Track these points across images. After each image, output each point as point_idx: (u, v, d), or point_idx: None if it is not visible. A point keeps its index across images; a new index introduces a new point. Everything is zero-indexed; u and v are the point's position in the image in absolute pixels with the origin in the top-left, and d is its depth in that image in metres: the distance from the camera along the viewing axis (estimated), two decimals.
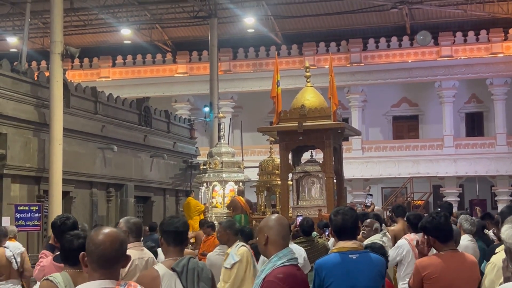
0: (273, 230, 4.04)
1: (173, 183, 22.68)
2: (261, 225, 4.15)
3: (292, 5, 31.64)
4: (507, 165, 29.77)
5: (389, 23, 32.86)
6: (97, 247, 3.10)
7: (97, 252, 3.09)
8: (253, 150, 30.33)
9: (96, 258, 3.10)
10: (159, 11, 31.13)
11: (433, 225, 4.93)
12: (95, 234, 3.16)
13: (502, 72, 30.25)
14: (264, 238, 4.02)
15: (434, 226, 4.92)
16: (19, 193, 15.62)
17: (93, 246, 3.11)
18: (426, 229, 4.98)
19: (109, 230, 3.18)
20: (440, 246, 4.91)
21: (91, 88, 19.34)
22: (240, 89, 33.01)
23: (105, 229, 3.20)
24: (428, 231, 4.97)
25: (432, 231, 4.93)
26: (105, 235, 3.13)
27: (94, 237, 3.14)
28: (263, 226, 4.10)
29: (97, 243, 3.11)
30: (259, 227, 4.15)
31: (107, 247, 3.10)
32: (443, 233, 4.90)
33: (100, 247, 3.09)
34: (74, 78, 31.29)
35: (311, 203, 14.15)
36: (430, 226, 4.95)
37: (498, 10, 29.56)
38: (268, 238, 4.02)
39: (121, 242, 3.16)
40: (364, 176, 31.41)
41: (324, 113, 14.05)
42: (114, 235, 3.16)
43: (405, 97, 33.85)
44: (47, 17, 25.00)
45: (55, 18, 16.69)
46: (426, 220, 5.01)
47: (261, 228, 4.09)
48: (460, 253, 5.02)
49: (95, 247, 3.10)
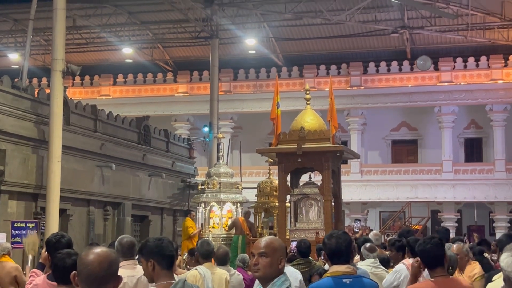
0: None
1: (170, 202, 22.63)
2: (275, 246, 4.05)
3: (293, 28, 31.80)
4: (505, 191, 29.73)
5: (390, 48, 33.00)
6: (85, 267, 3.08)
7: (85, 271, 3.07)
8: (252, 171, 30.31)
9: (84, 277, 3.08)
10: (161, 30, 31.29)
11: (420, 250, 4.91)
12: (85, 254, 3.14)
13: (501, 99, 30.33)
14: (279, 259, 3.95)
15: (421, 251, 4.90)
16: (16, 209, 15.56)
17: (81, 266, 3.10)
18: (417, 253, 5.00)
19: (99, 250, 3.15)
20: (430, 271, 4.89)
21: (91, 106, 19.36)
22: (240, 109, 33.08)
23: (96, 249, 3.17)
24: (419, 255, 4.96)
25: (421, 256, 4.91)
26: (94, 255, 3.11)
27: (84, 256, 3.12)
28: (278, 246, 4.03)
29: (85, 263, 3.09)
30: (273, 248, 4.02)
31: (95, 267, 3.07)
32: (431, 259, 4.86)
33: (88, 267, 3.07)
34: (74, 96, 31.36)
35: (308, 226, 14.13)
36: (419, 250, 4.94)
37: (498, 37, 29.71)
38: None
39: (110, 263, 3.12)
40: (362, 200, 31.36)
41: (323, 135, 14.07)
42: (104, 255, 3.13)
43: (404, 121, 33.91)
44: (49, 34, 25.10)
45: (57, 36, 16.75)
46: (417, 244, 5.02)
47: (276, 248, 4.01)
48: (453, 279, 4.98)
49: (83, 267, 3.09)
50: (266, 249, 3.91)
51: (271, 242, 3.98)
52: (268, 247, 3.92)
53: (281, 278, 3.90)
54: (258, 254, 3.94)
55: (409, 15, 29.13)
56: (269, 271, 3.90)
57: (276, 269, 3.90)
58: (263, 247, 3.92)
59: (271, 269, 3.89)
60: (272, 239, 4.06)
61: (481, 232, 29.64)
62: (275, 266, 3.90)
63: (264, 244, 3.94)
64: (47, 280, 5.18)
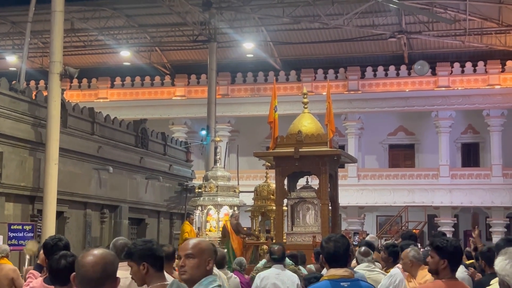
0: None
1: (167, 205, 22.62)
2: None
3: (291, 32, 31.84)
4: (502, 197, 29.78)
5: (387, 52, 33.06)
6: (80, 268, 3.11)
7: (80, 273, 3.11)
8: (249, 174, 30.31)
9: (80, 279, 3.12)
10: (159, 34, 31.33)
11: (451, 249, 4.70)
12: (82, 255, 3.17)
13: (498, 104, 30.38)
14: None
15: (453, 249, 4.70)
16: (13, 212, 15.55)
17: (78, 267, 3.14)
18: (442, 250, 4.72)
19: (96, 252, 3.17)
20: (447, 272, 4.75)
21: (89, 109, 19.35)
22: (237, 113, 33.09)
23: (93, 250, 3.19)
24: (445, 253, 4.71)
25: (449, 255, 4.69)
26: (90, 257, 3.14)
27: (81, 258, 3.16)
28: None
29: (80, 264, 3.13)
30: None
31: (89, 269, 3.10)
32: (456, 260, 4.78)
33: (82, 269, 3.11)
34: (72, 98, 31.34)
35: (305, 230, 14.12)
36: (449, 249, 4.71)
37: (495, 42, 29.78)
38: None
39: (105, 265, 3.14)
40: (359, 204, 31.38)
41: (320, 139, 14.07)
42: (100, 256, 3.15)
43: (401, 125, 33.95)
44: (47, 37, 25.11)
45: (55, 38, 16.75)
46: (449, 243, 4.76)
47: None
48: (459, 282, 4.92)
49: (79, 268, 3.12)
50: (193, 250, 3.79)
51: (198, 243, 3.86)
52: (195, 248, 3.80)
53: (209, 278, 3.78)
54: (185, 255, 3.81)
55: (407, 20, 29.20)
56: (196, 273, 3.77)
57: (204, 271, 3.78)
58: (190, 248, 3.80)
59: (198, 270, 3.76)
60: (200, 241, 3.94)
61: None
62: (202, 267, 3.78)
63: (191, 245, 3.81)
64: (43, 283, 5.18)
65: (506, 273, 3.16)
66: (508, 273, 3.15)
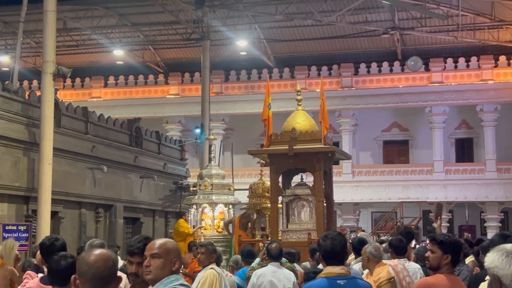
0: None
1: (162, 204, 22.60)
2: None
3: (284, 29, 31.83)
4: (496, 191, 29.86)
5: (381, 49, 33.09)
6: (91, 267, 3.12)
7: (90, 272, 3.11)
8: (244, 172, 30.30)
9: (90, 277, 3.11)
10: (152, 32, 31.27)
11: (454, 244, 4.78)
12: (87, 255, 3.19)
13: (492, 99, 30.45)
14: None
15: (455, 245, 4.77)
16: (7, 212, 15.51)
17: (86, 266, 3.13)
18: (446, 245, 4.77)
19: (101, 251, 3.22)
20: (449, 267, 4.77)
21: (82, 108, 19.31)
22: (231, 111, 33.08)
23: (96, 250, 3.21)
24: (448, 248, 4.76)
25: (452, 250, 4.74)
26: (97, 256, 3.16)
27: (87, 257, 3.16)
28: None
29: (89, 263, 3.13)
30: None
31: (101, 266, 3.12)
32: (458, 255, 4.81)
33: (94, 266, 3.12)
34: (65, 98, 31.27)
35: (300, 227, 14.11)
36: (452, 244, 4.78)
37: (488, 38, 29.83)
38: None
39: (113, 262, 3.19)
40: (354, 200, 31.42)
41: (314, 136, 14.06)
42: (106, 254, 3.19)
43: (395, 122, 33.99)
44: (39, 36, 25.02)
45: (47, 38, 16.70)
46: (452, 238, 4.83)
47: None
48: (458, 278, 4.96)
49: (88, 267, 3.12)
50: (159, 250, 3.73)
51: (164, 243, 3.80)
52: (161, 248, 3.74)
53: (171, 277, 3.70)
54: (150, 255, 3.74)
55: (400, 16, 29.22)
56: (161, 274, 3.71)
57: (169, 272, 3.72)
58: (156, 248, 3.75)
59: (163, 271, 3.70)
60: (166, 241, 3.86)
61: (473, 232, 29.72)
62: (168, 268, 3.71)
63: (157, 245, 3.76)
64: (40, 284, 5.17)
65: (495, 265, 3.16)
66: (497, 265, 3.15)
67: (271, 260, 7.64)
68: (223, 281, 7.16)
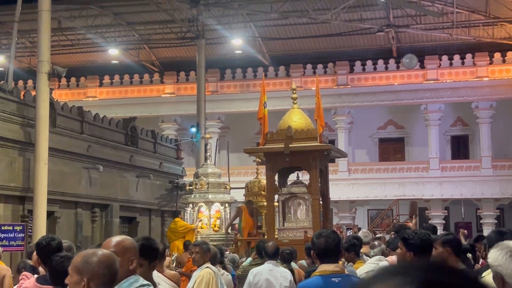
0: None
1: (158, 203, 22.60)
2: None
3: (279, 27, 31.83)
4: (492, 188, 29.91)
5: (376, 46, 33.10)
6: (108, 265, 3.22)
7: (109, 271, 3.22)
8: (240, 171, 30.31)
9: (109, 277, 3.21)
10: (147, 31, 31.23)
11: (418, 242, 4.65)
12: (103, 255, 3.27)
13: (487, 96, 30.48)
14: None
15: (419, 243, 4.65)
16: (3, 212, 15.50)
17: (102, 266, 3.21)
18: (408, 242, 4.68)
19: (104, 251, 3.31)
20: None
21: (78, 108, 19.30)
22: (227, 110, 33.07)
23: (99, 251, 3.29)
24: (410, 246, 4.66)
25: (415, 248, 4.63)
26: (110, 254, 3.29)
27: (103, 257, 3.25)
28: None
29: (107, 262, 3.23)
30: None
31: (116, 262, 3.26)
32: (424, 253, 4.74)
33: (115, 263, 3.25)
34: (60, 98, 31.20)
35: (297, 225, 14.12)
36: (416, 242, 4.66)
37: (483, 35, 29.87)
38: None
39: (117, 261, 3.31)
40: (350, 198, 31.43)
41: (310, 134, 14.08)
42: (112, 255, 3.31)
43: (391, 119, 34.01)
44: (34, 36, 24.98)
45: (42, 38, 16.69)
46: (416, 236, 4.71)
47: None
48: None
49: (105, 266, 3.20)
50: (116, 248, 3.61)
51: (122, 241, 3.71)
52: (118, 246, 3.64)
53: (130, 279, 3.60)
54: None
55: (395, 13, 29.24)
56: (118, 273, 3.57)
57: (126, 270, 3.60)
58: (113, 246, 3.65)
59: (120, 270, 3.51)
60: (124, 238, 3.77)
61: (469, 229, 29.77)
62: (125, 267, 3.59)
63: (114, 243, 3.67)
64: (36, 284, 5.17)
65: (499, 263, 3.19)
66: (501, 263, 3.17)
67: (268, 258, 7.65)
68: (219, 280, 7.17)
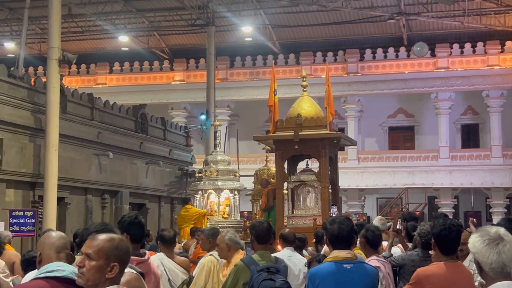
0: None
1: (168, 190, 22.65)
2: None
3: (289, 15, 31.72)
4: (502, 177, 29.81)
5: (386, 34, 32.95)
6: (127, 250, 3.27)
7: (127, 255, 3.25)
8: (249, 158, 30.32)
9: (126, 261, 3.24)
10: (157, 18, 31.18)
11: (439, 234, 4.64)
12: (119, 240, 3.28)
13: (498, 85, 30.33)
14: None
15: (440, 235, 4.63)
16: (14, 198, 15.58)
17: (123, 251, 3.24)
18: (436, 235, 4.67)
19: (119, 237, 3.31)
20: (442, 255, 4.67)
21: (88, 95, 19.33)
22: (236, 97, 33.05)
23: (116, 236, 3.26)
24: (435, 238, 4.66)
25: (439, 240, 4.63)
26: (123, 238, 3.34)
27: (121, 242, 3.25)
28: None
29: (125, 248, 3.26)
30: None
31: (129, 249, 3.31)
32: (451, 245, 4.67)
33: (129, 252, 3.30)
34: (71, 84, 31.28)
35: (306, 212, 14.15)
36: (437, 233, 4.66)
37: (495, 23, 29.67)
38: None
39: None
40: (359, 186, 31.42)
41: (320, 122, 14.08)
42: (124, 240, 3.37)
43: (401, 108, 33.91)
44: (44, 22, 24.99)
45: (52, 24, 16.70)
46: (435, 226, 4.71)
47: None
48: (459, 264, 4.84)
49: (124, 251, 3.23)
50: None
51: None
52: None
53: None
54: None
55: (406, 1, 29.06)
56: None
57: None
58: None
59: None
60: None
61: (478, 218, 29.71)
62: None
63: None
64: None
65: (476, 251, 3.16)
66: (477, 251, 3.15)
67: (286, 245, 7.64)
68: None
